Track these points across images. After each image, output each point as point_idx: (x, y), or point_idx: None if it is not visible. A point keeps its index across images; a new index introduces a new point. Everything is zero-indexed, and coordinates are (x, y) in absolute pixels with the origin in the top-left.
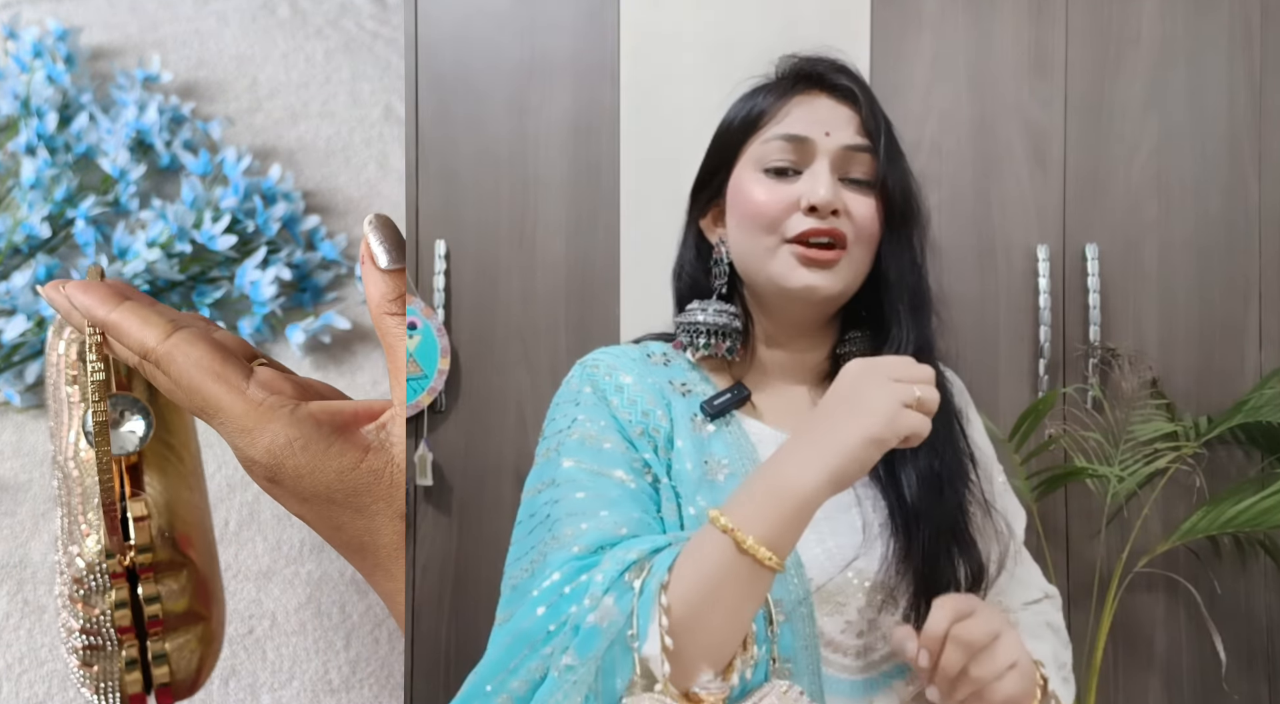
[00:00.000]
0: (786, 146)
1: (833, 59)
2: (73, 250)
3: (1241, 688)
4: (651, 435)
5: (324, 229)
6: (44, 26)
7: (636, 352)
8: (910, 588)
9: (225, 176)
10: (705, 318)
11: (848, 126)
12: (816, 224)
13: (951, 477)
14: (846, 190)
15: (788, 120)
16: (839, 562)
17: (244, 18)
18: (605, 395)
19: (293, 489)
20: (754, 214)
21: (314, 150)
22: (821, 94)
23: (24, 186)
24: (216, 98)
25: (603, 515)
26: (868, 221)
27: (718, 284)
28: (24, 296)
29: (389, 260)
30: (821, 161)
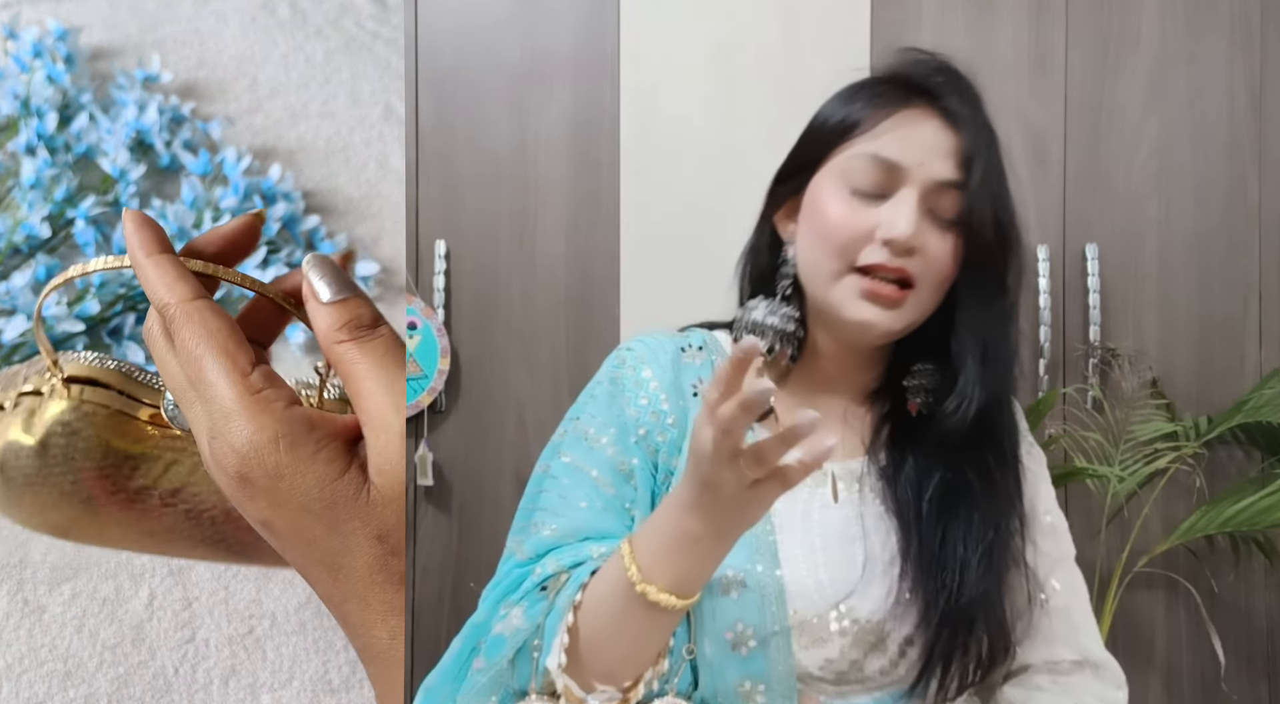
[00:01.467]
0: (875, 167)
1: (944, 65)
2: (72, 250)
3: (1241, 688)
4: (656, 440)
5: (324, 229)
6: (44, 26)
7: (673, 344)
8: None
9: (225, 177)
10: (773, 321)
11: (946, 157)
12: (888, 260)
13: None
14: (929, 227)
15: (884, 138)
16: (829, 597)
17: (244, 18)
18: (622, 389)
19: (267, 490)
20: (826, 234)
21: (314, 150)
22: (929, 114)
23: (24, 186)
24: (216, 98)
25: (565, 518)
26: (943, 264)
27: (783, 286)
28: (24, 296)
29: (332, 293)
30: (909, 191)
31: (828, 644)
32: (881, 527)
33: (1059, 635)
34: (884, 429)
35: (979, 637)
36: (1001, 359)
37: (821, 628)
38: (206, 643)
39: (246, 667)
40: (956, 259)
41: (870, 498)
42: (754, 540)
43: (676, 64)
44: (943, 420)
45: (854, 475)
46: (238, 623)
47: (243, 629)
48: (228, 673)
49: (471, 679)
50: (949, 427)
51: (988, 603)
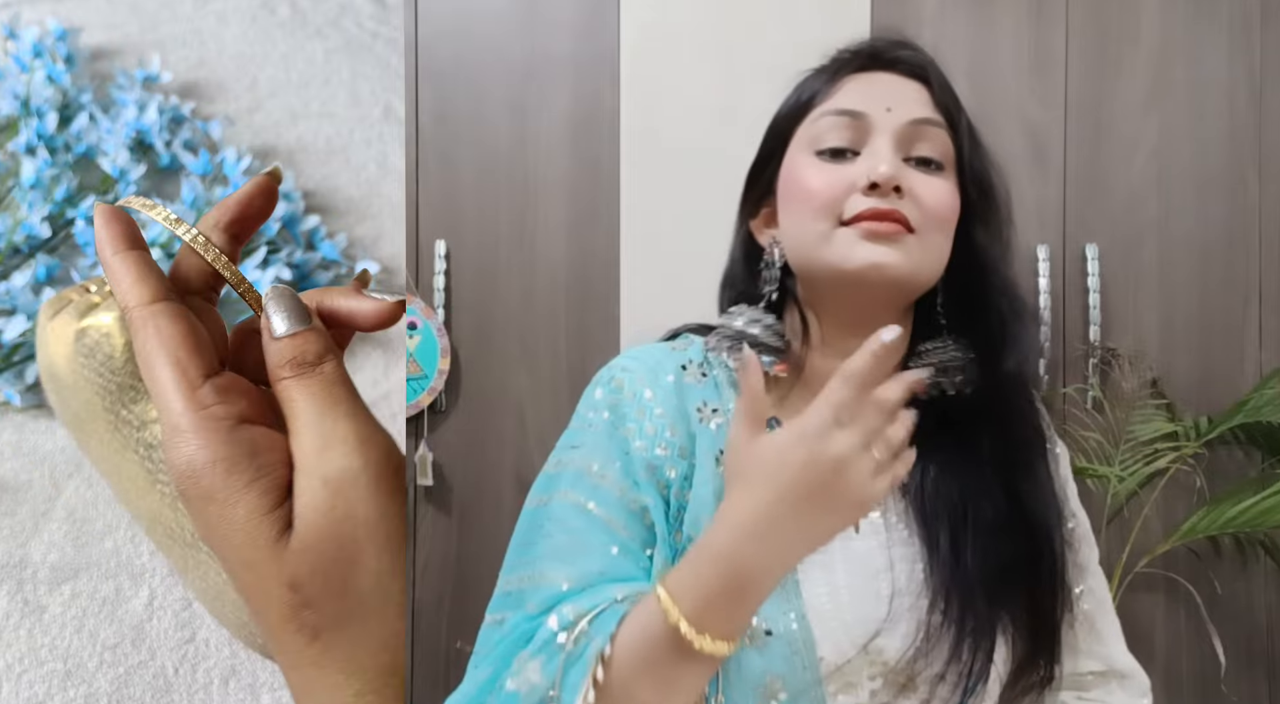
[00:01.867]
0: (840, 122)
1: (895, 37)
2: (73, 250)
3: (1241, 688)
4: (666, 475)
5: (324, 229)
6: (44, 26)
7: (672, 362)
8: (937, 671)
9: (225, 176)
10: (752, 331)
11: (915, 99)
12: (877, 204)
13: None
14: (913, 173)
15: (840, 94)
16: (857, 638)
17: (244, 18)
18: (624, 419)
19: (199, 511)
20: (807, 199)
21: (314, 150)
22: (881, 71)
23: (24, 186)
24: (216, 98)
25: (584, 567)
26: (939, 204)
27: (767, 289)
28: (24, 296)
29: (284, 327)
30: (882, 138)
31: (858, 689)
32: (908, 555)
33: (1083, 646)
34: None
35: (1020, 662)
36: (1025, 314)
37: (852, 673)
38: (207, 643)
39: (246, 667)
40: (954, 201)
41: (896, 524)
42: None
43: (676, 64)
44: (993, 382)
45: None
46: None
47: None
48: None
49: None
50: (1002, 386)
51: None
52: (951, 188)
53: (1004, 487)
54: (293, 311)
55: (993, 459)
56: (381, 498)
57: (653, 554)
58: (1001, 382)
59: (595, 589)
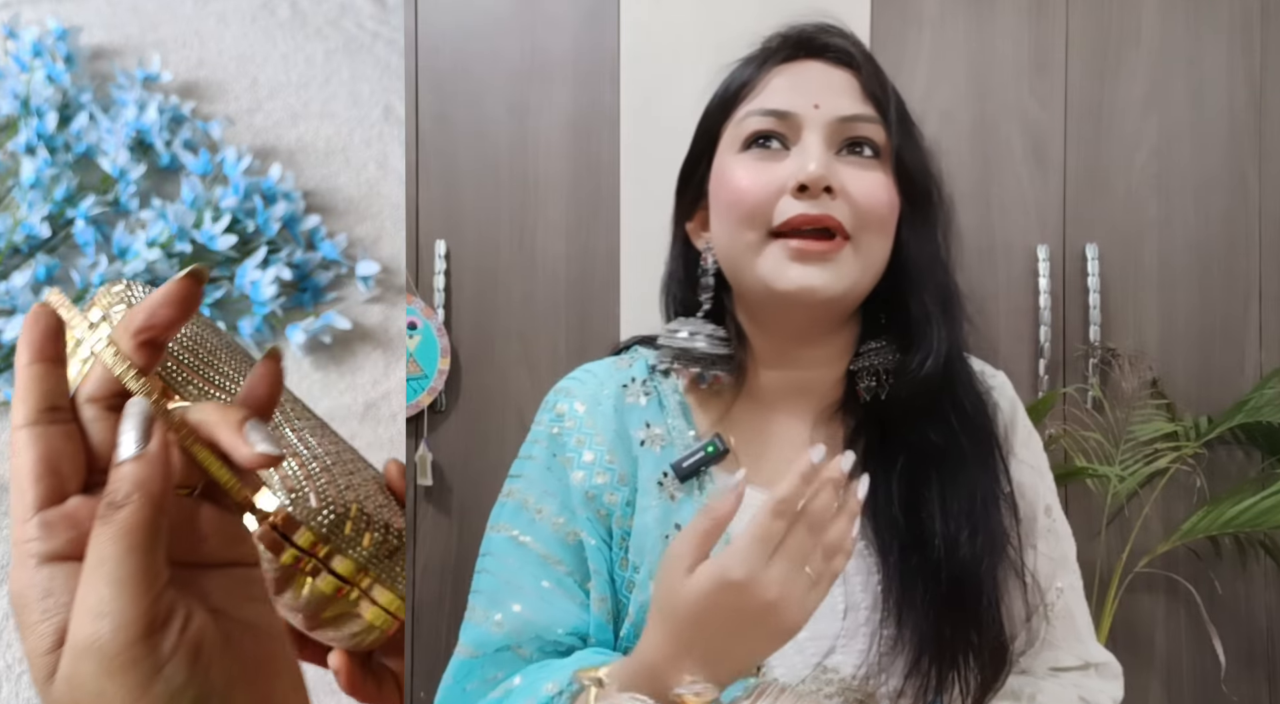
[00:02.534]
0: (768, 121)
1: (821, 22)
2: (73, 250)
3: (1241, 688)
4: (606, 502)
5: (324, 229)
6: (44, 26)
7: (614, 383)
8: (896, 687)
9: (225, 176)
10: (700, 345)
11: (844, 93)
12: (806, 209)
13: (979, 546)
14: (846, 165)
15: (767, 91)
16: (811, 657)
17: (244, 18)
18: (563, 448)
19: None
20: (736, 200)
21: (314, 150)
22: (809, 59)
23: (24, 186)
24: (216, 98)
25: (514, 611)
26: (874, 203)
27: (704, 297)
28: (24, 296)
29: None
30: (811, 134)
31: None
32: (864, 567)
33: (1061, 641)
34: (856, 449)
35: (978, 661)
36: (957, 305)
37: (808, 693)
38: None
39: None
40: (891, 195)
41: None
42: None
43: (676, 64)
44: (908, 383)
45: None
46: None
47: None
48: None
49: None
50: (915, 387)
51: (987, 626)
52: (886, 181)
53: (944, 494)
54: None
55: (934, 466)
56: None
57: (591, 591)
58: (919, 386)
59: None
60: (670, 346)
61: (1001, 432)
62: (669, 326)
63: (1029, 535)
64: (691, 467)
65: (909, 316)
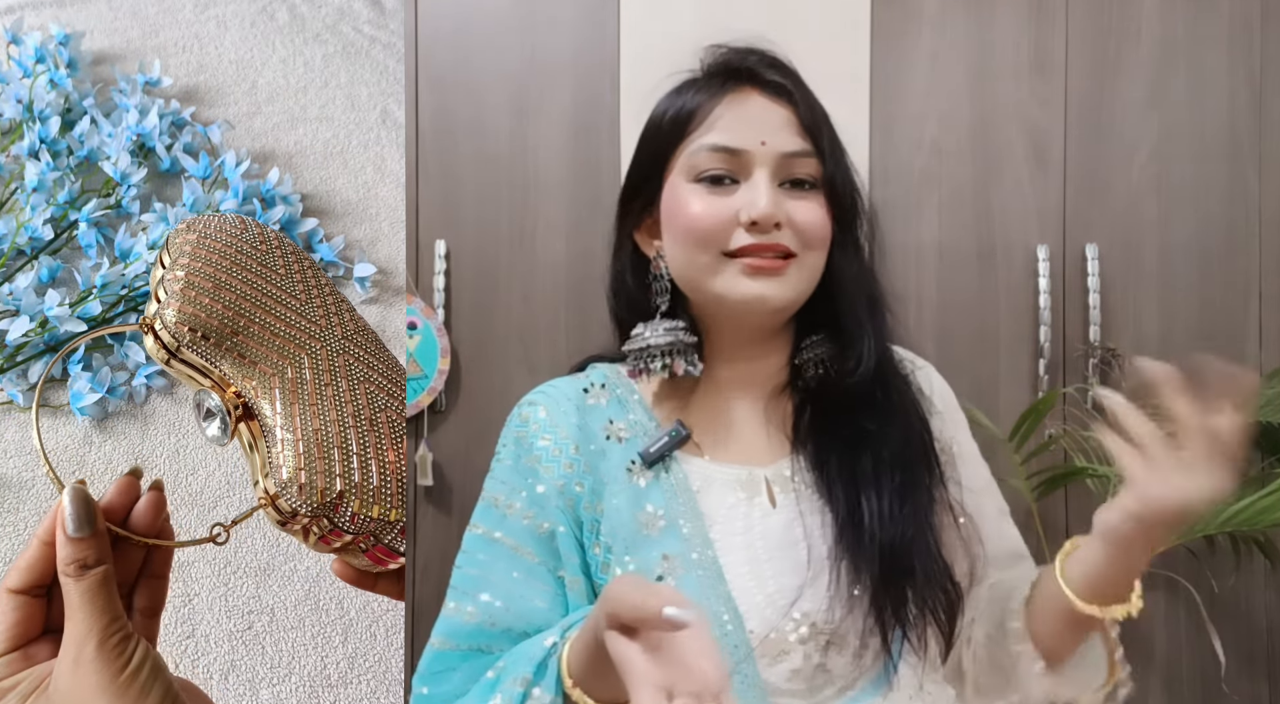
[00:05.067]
0: (719, 157)
1: (762, 51)
2: (75, 253)
3: (1241, 688)
4: (574, 492)
5: (322, 231)
6: (47, 32)
7: (574, 389)
8: (863, 623)
9: (225, 180)
10: (656, 340)
11: (785, 129)
12: (759, 239)
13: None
14: (789, 197)
15: (719, 126)
16: (780, 606)
17: (243, 23)
18: (529, 448)
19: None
20: (690, 229)
21: (312, 154)
22: (754, 91)
23: (27, 189)
24: (216, 102)
25: (483, 600)
26: (814, 227)
27: (659, 301)
28: (27, 297)
29: (73, 529)
30: (760, 172)
31: (790, 655)
32: (820, 522)
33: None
34: (804, 420)
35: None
36: (881, 308)
37: (780, 641)
38: (206, 638)
39: (245, 661)
40: (826, 219)
41: (807, 493)
42: (699, 573)
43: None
44: (841, 380)
45: (786, 476)
46: (237, 619)
47: (242, 625)
48: (227, 668)
49: None
50: (849, 385)
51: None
52: (822, 208)
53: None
54: (82, 516)
55: (868, 447)
56: (105, 676)
57: (565, 577)
58: (854, 382)
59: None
60: (635, 348)
61: (925, 405)
62: (635, 332)
63: (950, 470)
64: (658, 452)
65: (840, 322)
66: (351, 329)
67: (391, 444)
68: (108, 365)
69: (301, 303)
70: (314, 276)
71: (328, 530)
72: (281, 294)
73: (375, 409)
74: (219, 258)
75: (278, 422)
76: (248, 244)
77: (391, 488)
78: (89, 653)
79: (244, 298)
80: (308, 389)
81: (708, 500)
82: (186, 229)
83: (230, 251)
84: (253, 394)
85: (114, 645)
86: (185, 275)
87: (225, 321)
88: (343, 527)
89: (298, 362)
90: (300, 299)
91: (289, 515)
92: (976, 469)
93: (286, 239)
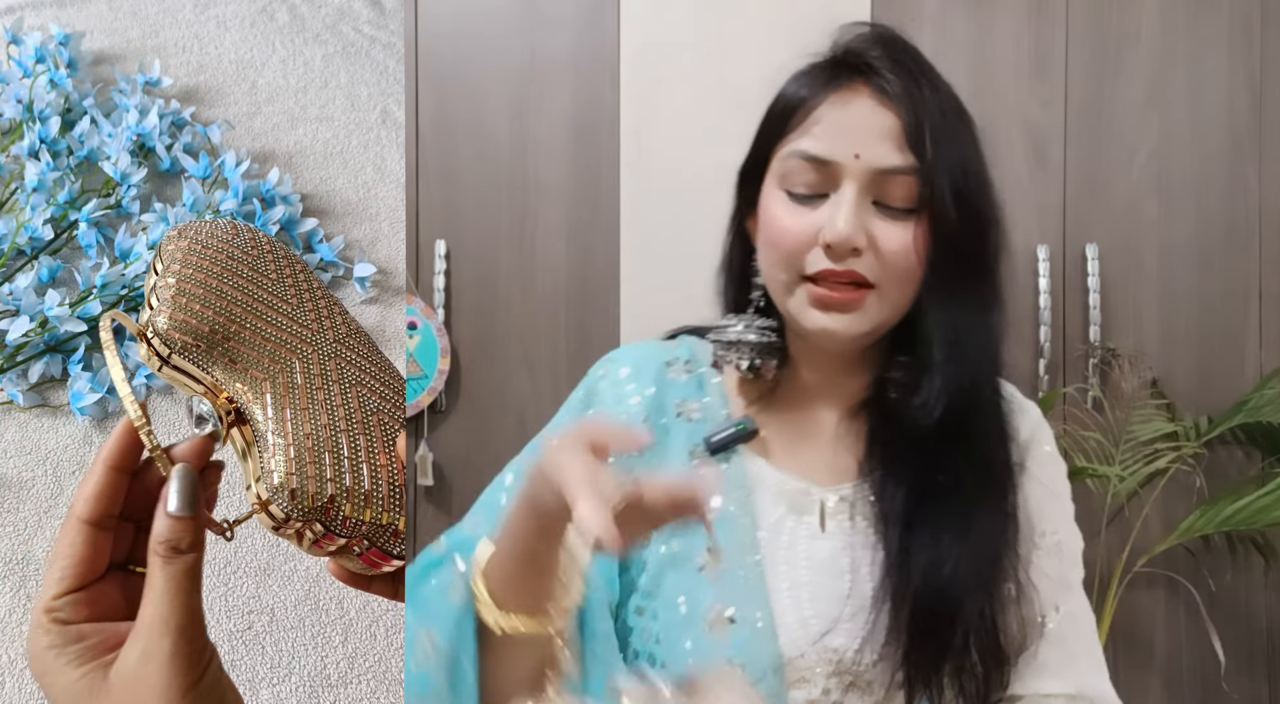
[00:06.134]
0: (808, 168)
1: (893, 41)
2: (75, 252)
3: (1241, 688)
4: (629, 459)
5: (321, 231)
6: (47, 32)
7: (659, 359)
8: (891, 677)
9: (225, 180)
10: (750, 337)
11: (886, 140)
12: (833, 266)
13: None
14: (880, 218)
15: (815, 130)
16: (813, 633)
17: (243, 23)
18: (599, 398)
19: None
20: (772, 243)
21: (312, 154)
22: (864, 90)
23: (27, 189)
24: (216, 102)
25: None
26: (899, 257)
27: (756, 298)
28: (27, 297)
29: (175, 508)
30: (848, 188)
31: (810, 684)
32: (871, 558)
33: (1051, 666)
34: (877, 446)
35: (970, 664)
36: (975, 350)
37: (805, 666)
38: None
39: (245, 661)
40: (920, 247)
41: (862, 526)
42: (742, 574)
43: (677, 65)
44: (906, 420)
45: (845, 502)
46: (237, 618)
47: (241, 624)
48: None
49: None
50: (911, 426)
51: (978, 627)
52: (917, 233)
53: (952, 489)
54: (185, 495)
55: (941, 466)
56: (175, 675)
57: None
58: (919, 410)
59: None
60: (722, 341)
61: (1017, 456)
62: (720, 322)
63: (1028, 550)
64: (722, 441)
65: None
66: (344, 332)
67: (384, 447)
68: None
69: (293, 307)
70: (305, 280)
71: (321, 535)
72: (273, 299)
73: (367, 412)
74: (210, 263)
75: (269, 427)
76: (239, 249)
77: (384, 491)
78: (163, 651)
79: (235, 303)
80: (299, 394)
81: (760, 504)
82: (178, 235)
83: (221, 258)
84: (244, 399)
85: (189, 654)
86: (176, 283)
87: (216, 327)
88: (335, 531)
89: (289, 366)
90: (292, 303)
91: (281, 521)
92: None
93: (278, 244)
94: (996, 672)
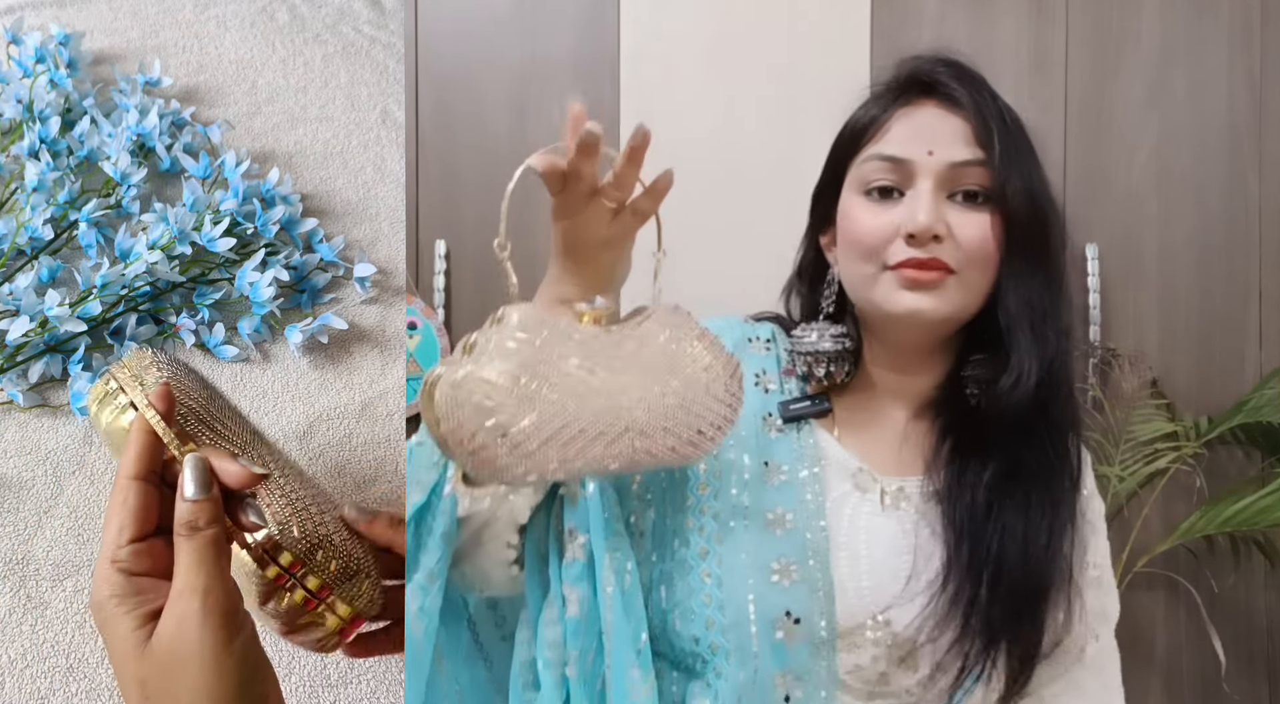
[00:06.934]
0: (885, 167)
1: (951, 61)
2: (75, 252)
3: (1241, 688)
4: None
5: (321, 231)
6: (46, 32)
7: (741, 333)
8: (942, 656)
9: (225, 180)
10: (826, 345)
11: (956, 140)
12: (916, 253)
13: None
14: (955, 210)
15: (888, 137)
16: (868, 605)
17: (243, 23)
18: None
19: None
20: (855, 241)
21: (312, 154)
22: (928, 102)
23: (27, 189)
24: (216, 102)
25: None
26: (978, 243)
27: (826, 304)
28: (27, 297)
29: (191, 493)
30: (924, 182)
31: (860, 650)
32: (933, 545)
33: (1091, 692)
34: (945, 444)
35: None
36: (1052, 329)
37: (857, 633)
38: None
39: None
40: (996, 235)
41: (929, 515)
42: (809, 537)
43: (676, 64)
44: (999, 402)
45: (911, 492)
46: None
47: None
48: None
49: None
50: (1006, 406)
51: (1032, 612)
52: (992, 222)
53: (1030, 473)
54: (199, 480)
55: (1024, 449)
56: (207, 633)
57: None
58: (1009, 407)
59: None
60: (800, 350)
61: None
62: (797, 332)
63: (1079, 572)
64: (797, 411)
65: (1002, 342)
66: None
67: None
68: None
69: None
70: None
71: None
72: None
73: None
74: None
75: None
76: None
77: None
78: (195, 613)
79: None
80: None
81: (828, 475)
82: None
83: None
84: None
85: (220, 614)
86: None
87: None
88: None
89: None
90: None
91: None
92: (1105, 596)
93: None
94: (1029, 669)
